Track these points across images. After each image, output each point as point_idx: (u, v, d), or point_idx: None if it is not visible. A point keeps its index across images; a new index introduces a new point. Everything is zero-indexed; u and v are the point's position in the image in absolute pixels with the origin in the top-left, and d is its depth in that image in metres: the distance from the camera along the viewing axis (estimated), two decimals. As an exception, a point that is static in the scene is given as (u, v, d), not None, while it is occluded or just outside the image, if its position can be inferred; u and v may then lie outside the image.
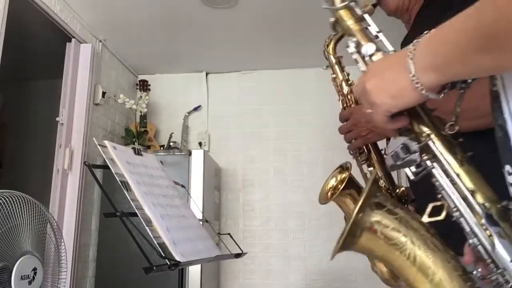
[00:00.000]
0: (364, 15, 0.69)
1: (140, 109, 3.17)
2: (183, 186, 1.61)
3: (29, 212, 1.44)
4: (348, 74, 1.29)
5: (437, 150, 0.59)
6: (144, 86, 3.52)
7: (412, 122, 0.61)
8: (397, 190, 1.17)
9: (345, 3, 0.70)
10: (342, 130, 1.21)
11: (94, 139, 1.47)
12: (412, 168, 0.61)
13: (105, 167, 1.24)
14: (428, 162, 0.59)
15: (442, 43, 0.52)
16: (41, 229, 1.52)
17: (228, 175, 3.45)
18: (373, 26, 0.68)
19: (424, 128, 0.60)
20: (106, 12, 2.68)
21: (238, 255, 1.45)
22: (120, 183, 1.18)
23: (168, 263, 1.08)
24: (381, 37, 0.67)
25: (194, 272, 2.58)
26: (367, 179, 1.20)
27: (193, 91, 3.60)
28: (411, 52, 0.54)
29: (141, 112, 3.23)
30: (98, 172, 2.45)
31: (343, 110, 1.25)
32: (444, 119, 0.60)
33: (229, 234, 1.59)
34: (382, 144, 1.22)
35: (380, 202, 0.61)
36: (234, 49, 3.22)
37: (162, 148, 3.25)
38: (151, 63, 3.48)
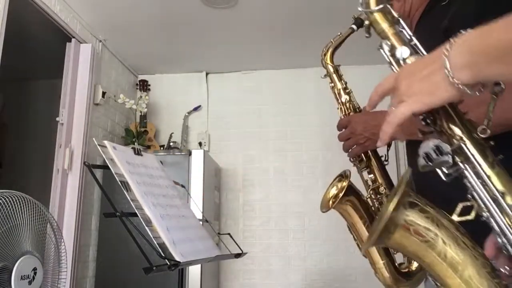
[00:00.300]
0: (399, 19, 0.70)
1: (140, 109, 3.17)
2: (183, 186, 1.61)
3: (29, 212, 1.44)
4: (346, 83, 1.31)
5: (469, 152, 0.61)
6: (144, 86, 3.52)
7: (446, 124, 0.63)
8: None
9: (380, 6, 0.71)
10: (341, 138, 1.23)
11: (94, 139, 1.47)
12: (444, 169, 0.63)
13: (105, 167, 1.24)
14: (460, 164, 0.61)
15: (480, 44, 0.54)
16: (41, 229, 1.52)
17: (228, 175, 3.45)
18: (407, 29, 0.69)
19: (456, 131, 0.62)
20: (106, 12, 2.68)
21: (238, 255, 1.45)
22: (120, 183, 1.18)
23: (168, 263, 1.08)
24: (415, 41, 0.68)
25: (194, 272, 2.58)
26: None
27: (193, 91, 3.61)
28: (446, 50, 0.56)
29: (141, 112, 3.23)
30: (98, 172, 2.45)
31: (341, 118, 1.26)
32: (476, 122, 0.62)
33: (229, 234, 1.59)
34: (382, 151, 1.23)
35: (413, 201, 0.64)
36: (234, 49, 3.22)
37: (162, 148, 3.26)
38: (151, 63, 3.48)
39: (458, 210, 0.62)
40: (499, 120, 0.64)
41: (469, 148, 0.61)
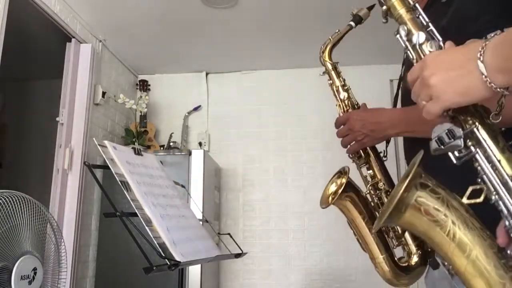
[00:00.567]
0: (416, 5, 0.73)
1: (140, 109, 3.17)
2: (183, 186, 1.61)
3: (29, 212, 1.44)
4: (344, 80, 1.31)
5: (481, 137, 0.62)
6: (144, 86, 3.52)
7: (458, 109, 0.64)
8: None
9: None
10: (339, 134, 1.23)
11: (94, 139, 1.47)
12: (455, 153, 0.64)
13: (105, 167, 1.24)
14: (472, 147, 0.63)
15: (510, 50, 0.56)
16: (41, 229, 1.52)
17: (228, 175, 3.45)
18: (424, 15, 0.72)
19: (469, 116, 0.63)
20: (106, 12, 2.68)
21: (238, 255, 1.45)
22: (120, 183, 1.18)
23: (168, 263, 1.08)
24: (431, 27, 0.71)
25: (194, 272, 2.58)
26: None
27: (193, 91, 3.61)
28: (480, 55, 0.57)
29: (141, 112, 3.23)
30: (98, 172, 2.45)
31: (340, 115, 1.26)
32: (488, 108, 0.63)
33: (229, 234, 1.59)
34: (381, 146, 1.24)
35: (424, 182, 0.66)
36: (234, 49, 3.22)
37: (162, 148, 3.25)
38: (151, 63, 3.48)
39: (468, 193, 0.63)
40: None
41: (481, 133, 0.62)
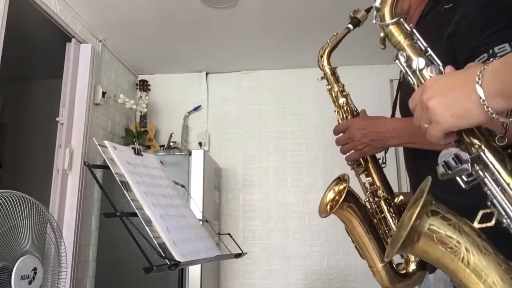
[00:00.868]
0: (414, 30, 0.73)
1: (140, 109, 3.17)
2: (183, 186, 1.61)
3: (29, 212, 1.44)
4: (343, 85, 1.30)
5: (488, 160, 0.62)
6: (144, 86, 3.52)
7: (464, 133, 0.64)
8: (395, 199, 1.19)
9: (395, 20, 0.74)
10: (339, 142, 1.21)
11: (94, 139, 1.47)
12: (464, 177, 0.64)
13: (105, 167, 1.24)
14: (479, 172, 0.62)
15: (509, 75, 0.55)
16: (41, 229, 1.52)
17: (228, 175, 3.45)
18: (422, 41, 0.72)
19: (475, 140, 0.63)
20: (106, 12, 2.68)
21: (238, 255, 1.44)
22: (120, 183, 1.18)
23: (168, 263, 1.08)
24: (430, 51, 0.70)
25: (194, 272, 2.58)
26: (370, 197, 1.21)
27: (193, 91, 3.61)
28: (479, 79, 0.57)
29: (141, 112, 3.23)
30: (98, 172, 2.45)
31: (339, 123, 1.25)
32: (493, 131, 0.63)
33: (229, 234, 1.59)
34: (379, 153, 1.23)
35: (435, 209, 0.65)
36: (234, 49, 3.22)
37: (162, 148, 3.26)
38: (151, 63, 3.48)
39: (479, 217, 0.63)
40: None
41: (487, 156, 0.62)
